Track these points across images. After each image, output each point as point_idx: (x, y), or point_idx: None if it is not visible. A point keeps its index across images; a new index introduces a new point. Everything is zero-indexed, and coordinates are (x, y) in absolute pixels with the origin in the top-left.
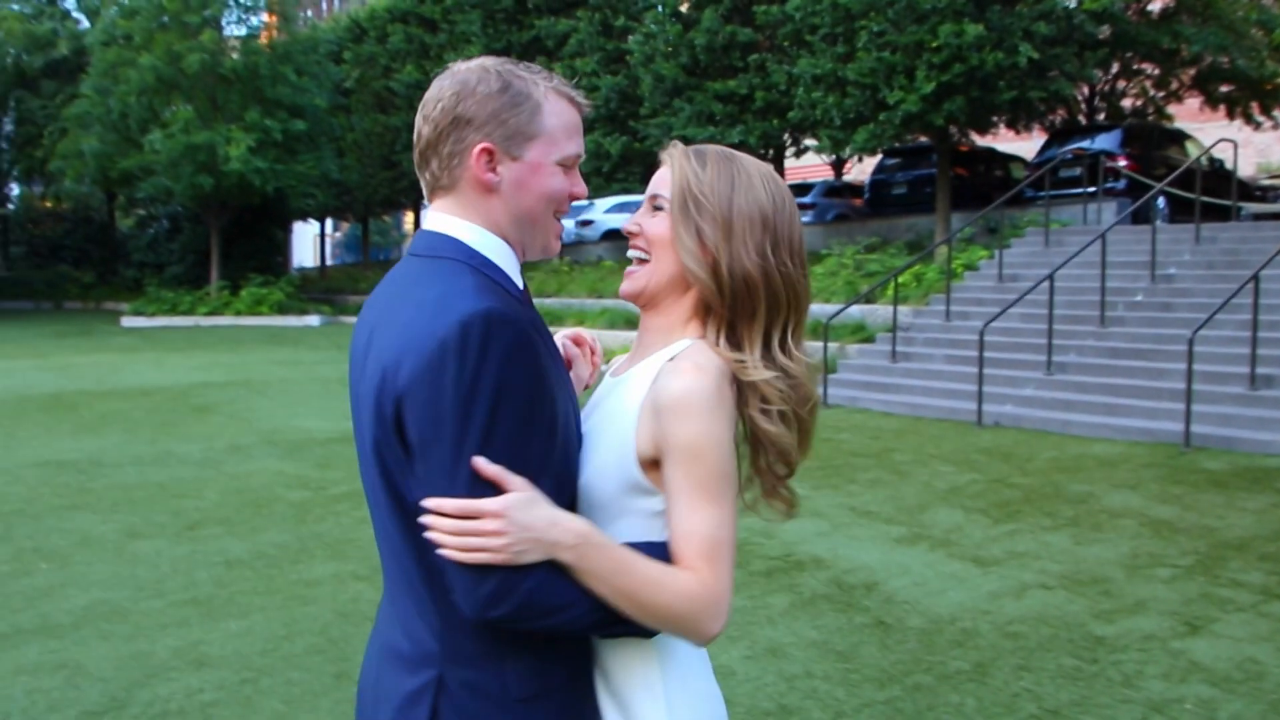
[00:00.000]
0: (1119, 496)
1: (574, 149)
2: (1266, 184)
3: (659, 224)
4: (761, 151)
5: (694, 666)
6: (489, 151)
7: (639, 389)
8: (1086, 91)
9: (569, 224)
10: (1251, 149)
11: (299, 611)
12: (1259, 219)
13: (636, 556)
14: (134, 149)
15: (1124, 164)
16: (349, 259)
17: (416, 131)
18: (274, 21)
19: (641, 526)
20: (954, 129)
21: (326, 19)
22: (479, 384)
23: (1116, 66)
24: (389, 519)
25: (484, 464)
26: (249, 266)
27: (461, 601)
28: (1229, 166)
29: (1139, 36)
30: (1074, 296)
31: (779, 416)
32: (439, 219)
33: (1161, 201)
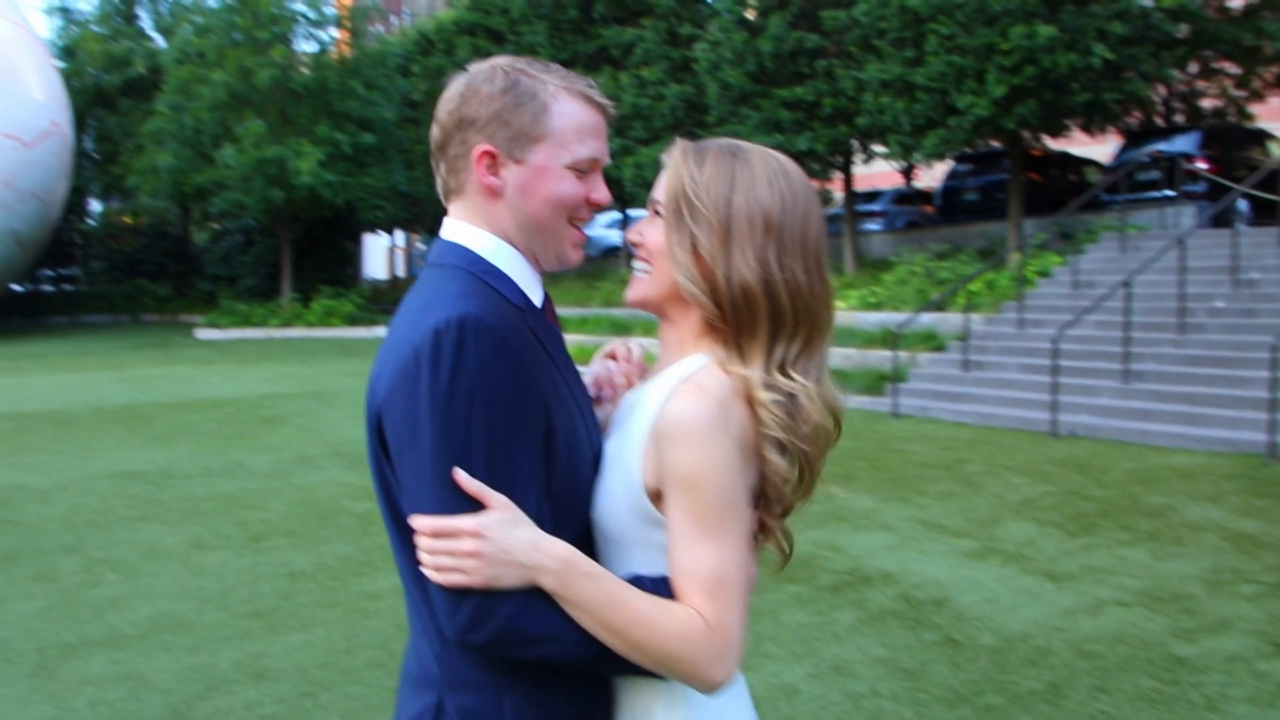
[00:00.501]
0: (1199, 509)
1: (586, 152)
2: None
3: (656, 232)
4: (830, 159)
5: (727, 713)
6: (490, 154)
7: (649, 410)
8: (1164, 92)
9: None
10: None
11: (360, 625)
12: None
13: (628, 590)
14: (207, 164)
15: (1203, 166)
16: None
17: (431, 134)
18: (344, 37)
19: (659, 561)
20: (1026, 133)
21: (395, 33)
22: (454, 392)
23: (1195, 66)
24: (392, 536)
25: (463, 478)
26: (320, 279)
27: (443, 624)
28: None
29: (1219, 34)
30: (1152, 303)
31: (775, 445)
32: (451, 226)
33: (1243, 204)
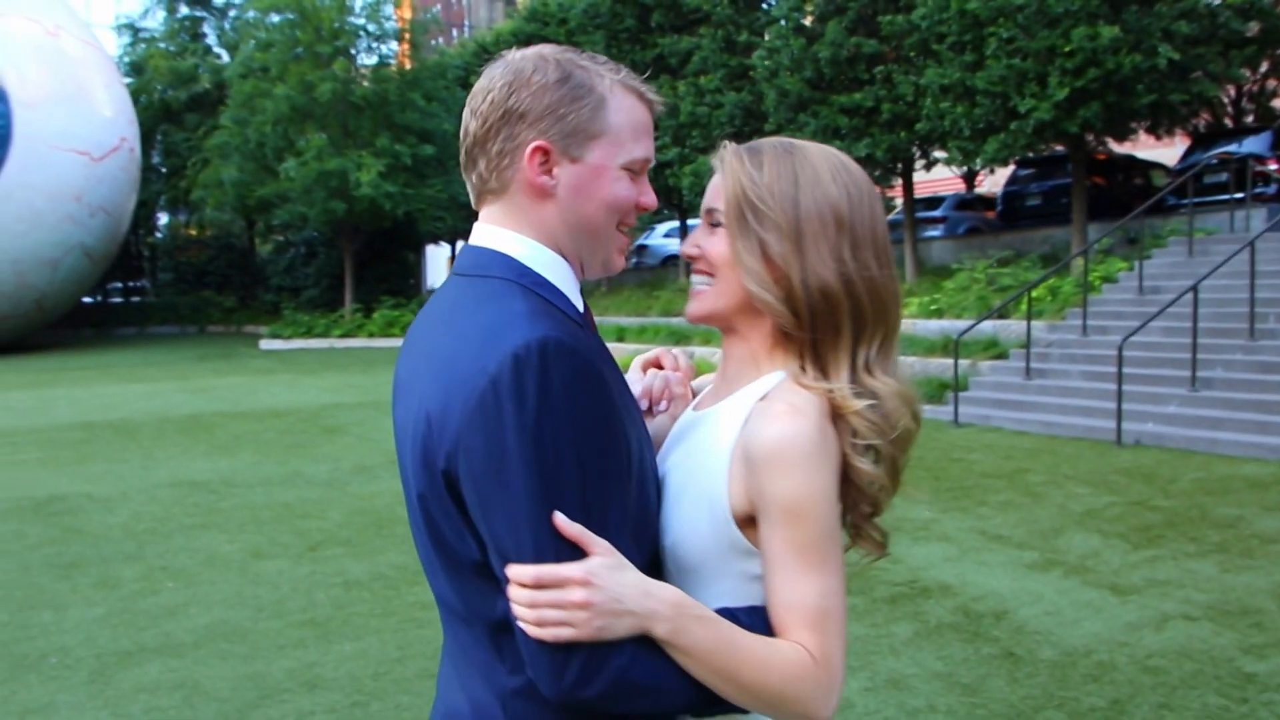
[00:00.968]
0: (1271, 520)
1: (642, 152)
2: None
3: (718, 242)
4: (889, 165)
5: None
6: (544, 151)
7: (727, 432)
8: (1233, 92)
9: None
10: None
11: (413, 634)
12: None
13: (737, 631)
14: (270, 177)
15: (1274, 168)
16: None
17: (463, 127)
18: (404, 50)
19: (742, 592)
20: (1090, 136)
21: (454, 45)
22: (542, 426)
23: (1266, 65)
24: (441, 576)
25: (564, 522)
26: (381, 289)
27: (542, 682)
28: None
29: None
30: (1220, 308)
31: (869, 451)
32: (486, 231)
33: None
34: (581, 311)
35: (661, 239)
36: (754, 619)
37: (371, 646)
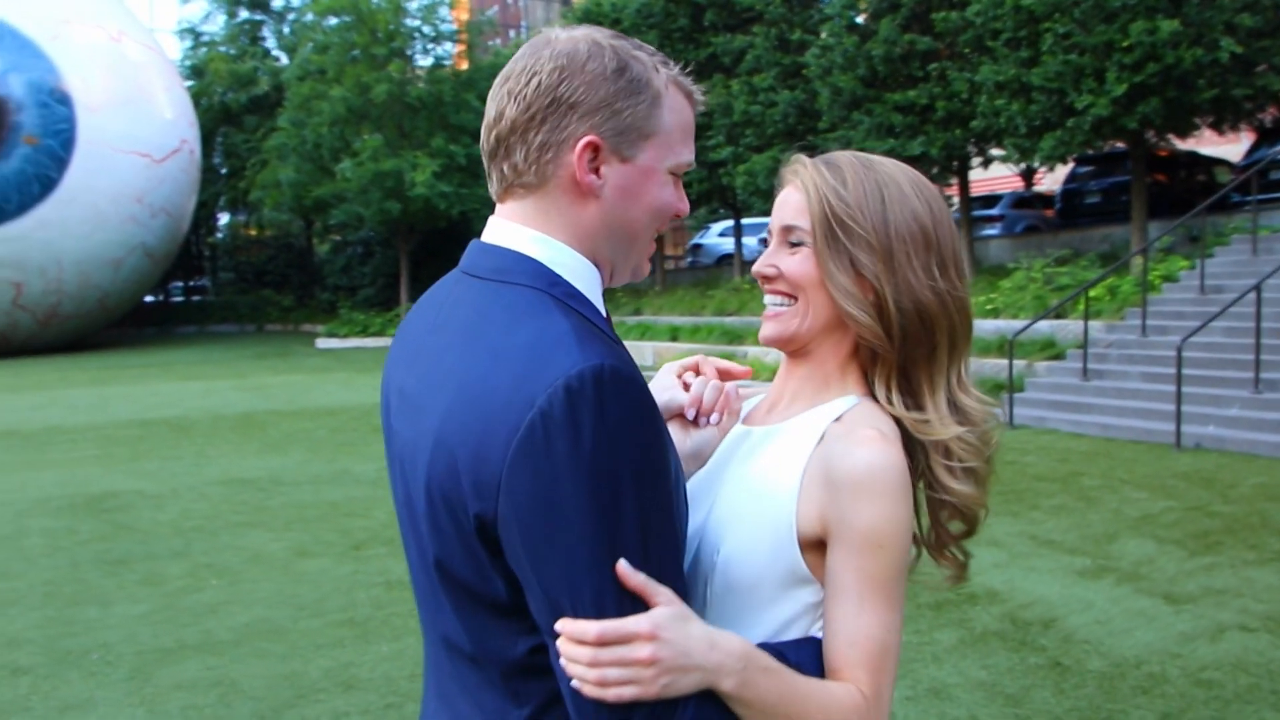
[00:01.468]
0: None
1: (689, 155)
2: None
3: (801, 262)
4: (944, 163)
5: None
6: (595, 147)
7: (799, 451)
8: None
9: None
10: None
11: None
12: None
13: (799, 679)
14: (327, 177)
15: None
16: None
17: (497, 110)
18: (460, 50)
19: (794, 622)
20: (1151, 133)
21: (509, 45)
22: (599, 465)
23: None
24: (449, 613)
25: (628, 571)
26: None
27: None
28: None
29: None
30: None
31: (966, 474)
32: (505, 228)
33: None
34: (605, 319)
35: (716, 238)
36: (800, 655)
37: (409, 647)
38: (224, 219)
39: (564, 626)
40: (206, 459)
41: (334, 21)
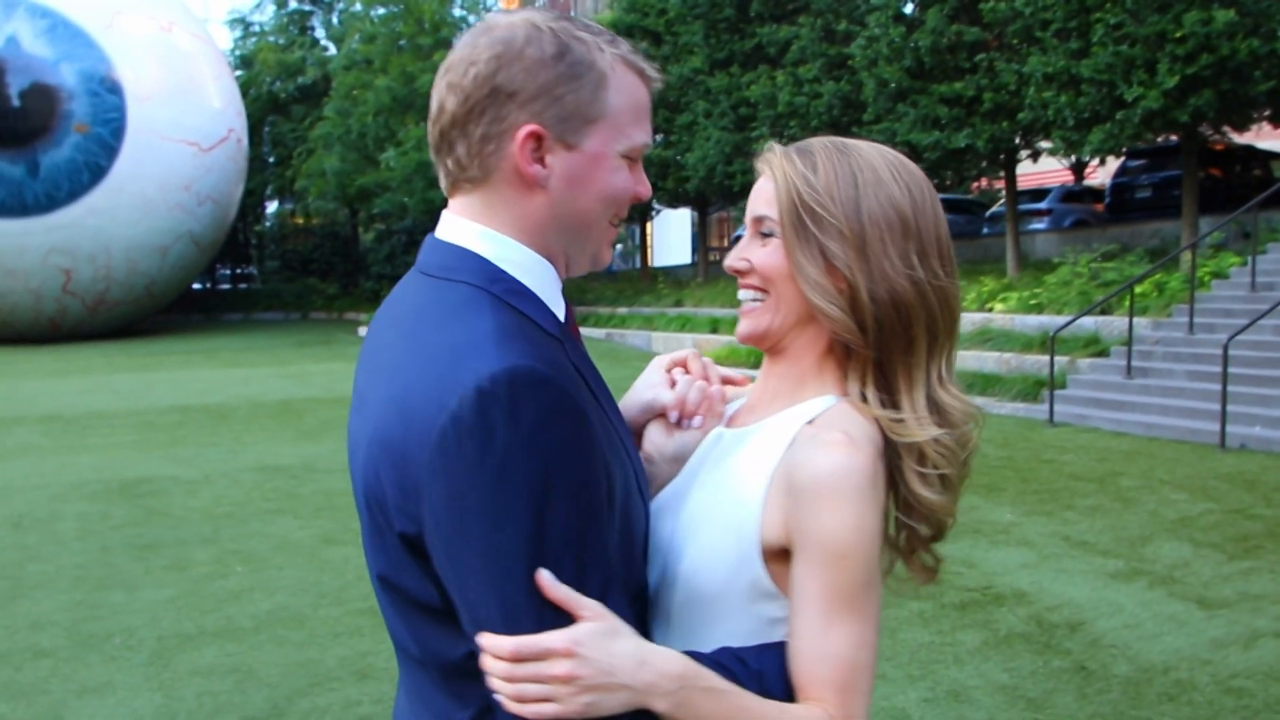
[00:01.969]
0: None
1: (642, 137)
2: None
3: (771, 254)
4: (991, 156)
5: None
6: (537, 136)
7: (768, 455)
8: None
9: None
10: None
11: None
12: None
13: (751, 700)
14: (371, 166)
15: None
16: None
17: (438, 103)
18: None
19: (757, 633)
20: (1206, 126)
21: None
22: (512, 471)
23: None
24: (393, 615)
25: (549, 582)
26: None
27: None
28: None
29: None
30: None
31: (939, 481)
32: (455, 225)
33: None
34: (562, 319)
35: None
36: (764, 661)
37: None
38: (271, 207)
39: (483, 641)
40: (242, 445)
41: (381, 11)
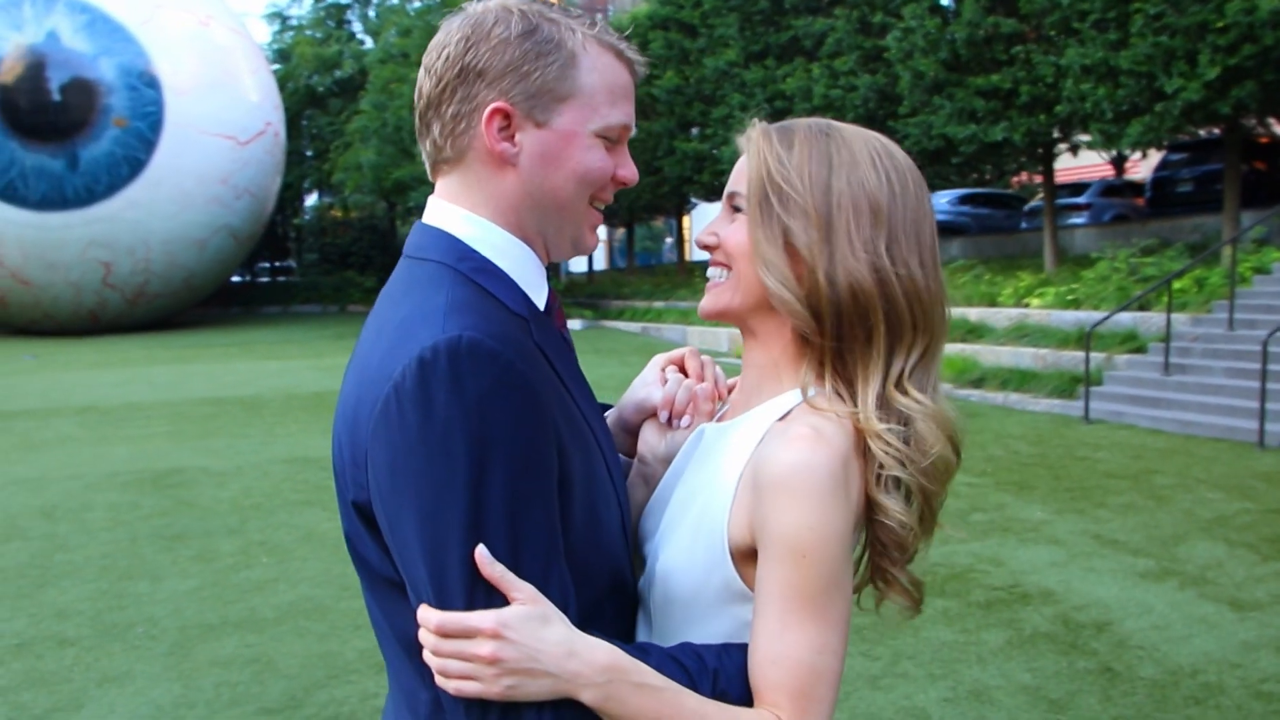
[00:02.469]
0: None
1: (619, 117)
2: None
3: (736, 230)
4: (1028, 149)
5: None
6: (504, 114)
7: (739, 453)
8: None
9: None
10: None
11: None
12: None
13: (688, 699)
14: (407, 160)
15: None
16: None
17: (417, 88)
18: None
19: (734, 636)
20: (1248, 118)
21: None
22: (452, 443)
23: None
24: (365, 587)
25: (485, 560)
26: None
27: None
28: None
29: None
30: None
31: (892, 485)
32: (436, 207)
33: None
34: (539, 303)
35: None
36: (724, 660)
37: None
38: (310, 201)
39: (421, 614)
40: (274, 437)
41: (417, 5)
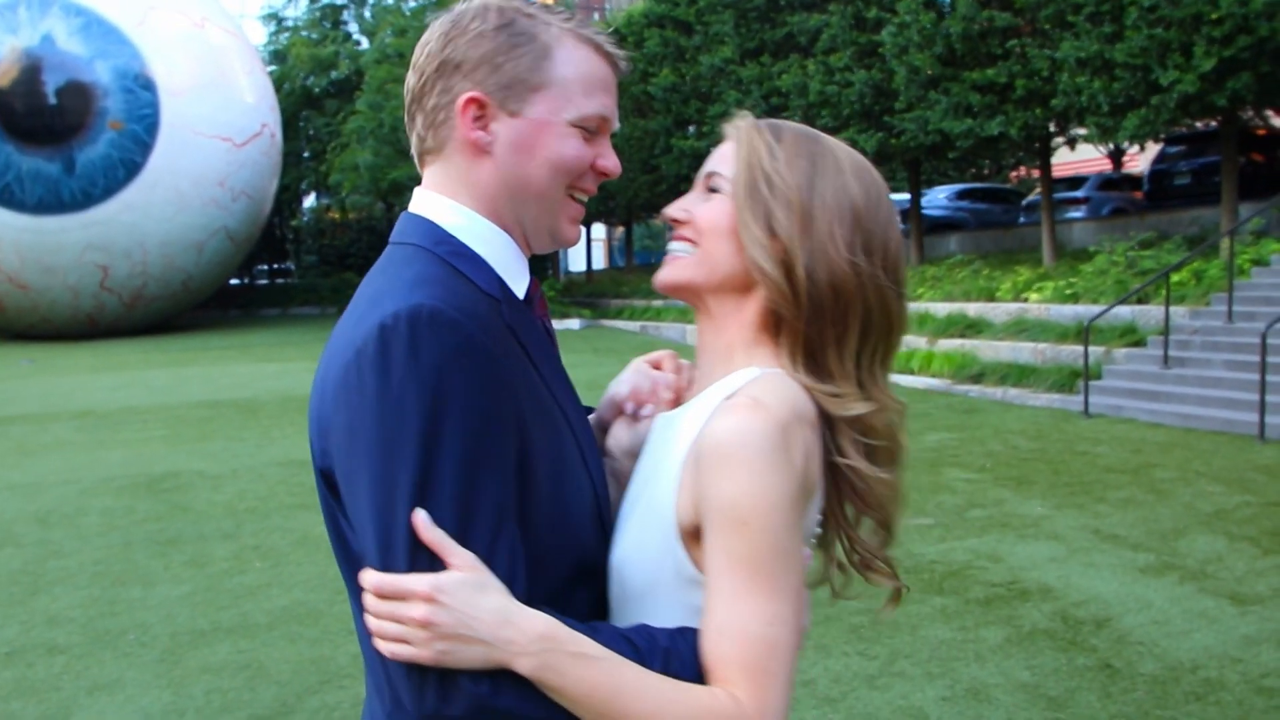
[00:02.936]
0: None
1: (596, 108)
2: None
3: (714, 208)
4: (1025, 143)
5: None
6: (478, 103)
7: (686, 435)
8: None
9: None
10: None
11: None
12: None
13: (630, 671)
14: (404, 160)
15: None
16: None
17: (405, 86)
18: None
19: (692, 624)
20: (1245, 110)
21: None
22: (404, 406)
23: None
24: (343, 574)
25: (424, 524)
26: None
27: (405, 697)
28: None
29: None
30: None
31: (885, 456)
32: (420, 197)
33: None
34: (518, 290)
35: None
36: (678, 640)
37: None
38: (308, 202)
39: (362, 575)
40: (270, 440)
41: (413, 5)
